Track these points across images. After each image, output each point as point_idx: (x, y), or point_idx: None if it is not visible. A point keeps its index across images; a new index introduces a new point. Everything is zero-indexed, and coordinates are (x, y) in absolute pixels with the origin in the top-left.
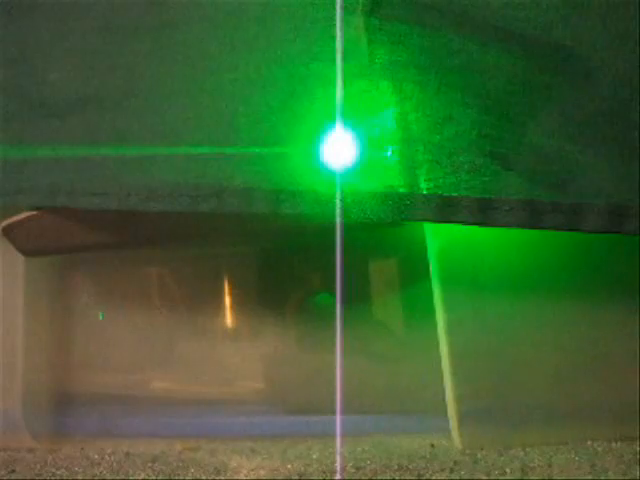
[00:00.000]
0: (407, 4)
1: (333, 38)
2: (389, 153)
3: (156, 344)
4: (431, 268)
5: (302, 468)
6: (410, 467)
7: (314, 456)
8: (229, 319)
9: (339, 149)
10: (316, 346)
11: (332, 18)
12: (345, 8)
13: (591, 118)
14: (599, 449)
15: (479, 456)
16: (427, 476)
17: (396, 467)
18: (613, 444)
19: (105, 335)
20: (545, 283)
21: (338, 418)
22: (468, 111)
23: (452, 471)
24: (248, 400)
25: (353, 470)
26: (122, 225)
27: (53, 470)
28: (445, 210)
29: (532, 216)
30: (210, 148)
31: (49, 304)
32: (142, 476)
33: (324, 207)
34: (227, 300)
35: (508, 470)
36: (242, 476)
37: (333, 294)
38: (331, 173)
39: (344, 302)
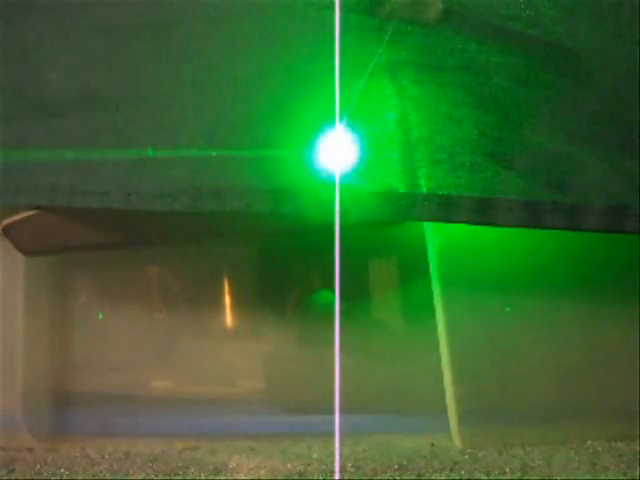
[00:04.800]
0: (408, 4)
1: (333, 38)
2: (389, 153)
3: (156, 344)
4: (431, 268)
5: (302, 467)
6: (410, 467)
7: (314, 455)
8: (229, 319)
9: (339, 149)
10: (316, 346)
11: (332, 18)
12: (345, 8)
13: (591, 118)
14: (599, 449)
15: (479, 456)
16: (427, 476)
17: (396, 467)
18: (613, 444)
19: (105, 335)
20: (545, 283)
21: (337, 417)
22: (468, 111)
23: (452, 471)
24: (248, 399)
25: (353, 470)
26: (122, 225)
27: (53, 470)
28: (445, 210)
29: (532, 216)
30: (210, 148)
31: (49, 304)
32: (142, 476)
33: (324, 207)
34: (227, 300)
35: (508, 469)
36: (242, 475)
37: (333, 294)
38: (331, 173)
39: (344, 302)
